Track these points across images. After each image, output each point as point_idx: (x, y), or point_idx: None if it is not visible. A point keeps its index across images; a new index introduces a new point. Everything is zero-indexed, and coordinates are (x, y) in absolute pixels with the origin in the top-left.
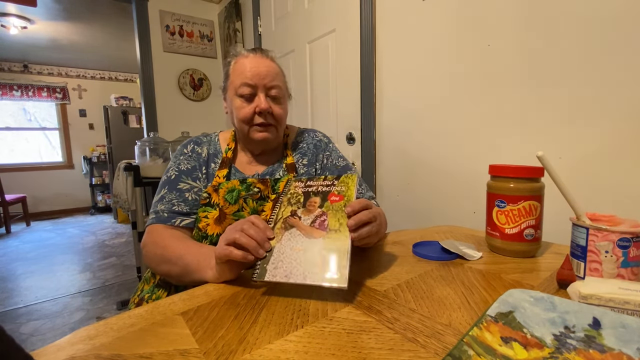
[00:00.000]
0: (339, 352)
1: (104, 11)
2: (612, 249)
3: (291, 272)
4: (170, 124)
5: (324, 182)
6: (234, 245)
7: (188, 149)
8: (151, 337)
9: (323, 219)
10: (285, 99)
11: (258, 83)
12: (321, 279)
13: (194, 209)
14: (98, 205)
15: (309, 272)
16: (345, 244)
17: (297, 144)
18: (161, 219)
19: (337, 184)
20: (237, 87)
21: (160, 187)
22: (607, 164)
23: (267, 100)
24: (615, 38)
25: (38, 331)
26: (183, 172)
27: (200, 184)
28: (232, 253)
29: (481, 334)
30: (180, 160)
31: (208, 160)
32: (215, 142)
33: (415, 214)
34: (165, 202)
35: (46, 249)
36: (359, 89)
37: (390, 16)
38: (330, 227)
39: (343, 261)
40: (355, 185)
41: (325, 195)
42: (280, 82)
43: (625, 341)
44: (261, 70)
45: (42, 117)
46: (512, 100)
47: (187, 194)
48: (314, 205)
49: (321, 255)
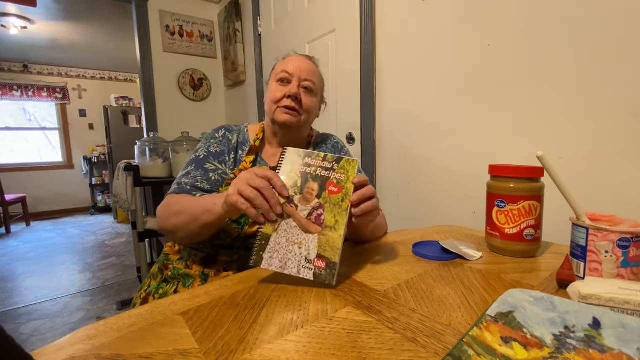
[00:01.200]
0: (339, 352)
1: (104, 11)
2: (612, 249)
3: (286, 263)
4: (170, 124)
5: (323, 164)
6: (245, 199)
7: (220, 134)
8: (151, 337)
9: (320, 212)
10: (317, 95)
11: (295, 73)
12: (313, 274)
13: (214, 189)
14: (98, 205)
15: (303, 266)
16: (338, 243)
17: (318, 145)
18: (183, 189)
19: (337, 169)
20: (276, 74)
21: (187, 165)
22: (607, 164)
23: (298, 88)
24: (615, 37)
25: (38, 331)
26: (212, 154)
27: (226, 167)
28: (247, 210)
29: (481, 334)
30: (211, 143)
31: (237, 147)
32: (244, 132)
33: (415, 214)
34: (190, 177)
35: (46, 249)
36: (359, 89)
37: (390, 16)
38: (326, 224)
39: (334, 260)
40: (355, 173)
41: (323, 182)
42: (316, 79)
43: (625, 341)
44: (302, 65)
45: (42, 117)
46: (512, 100)
47: (212, 174)
48: (312, 194)
49: (315, 253)
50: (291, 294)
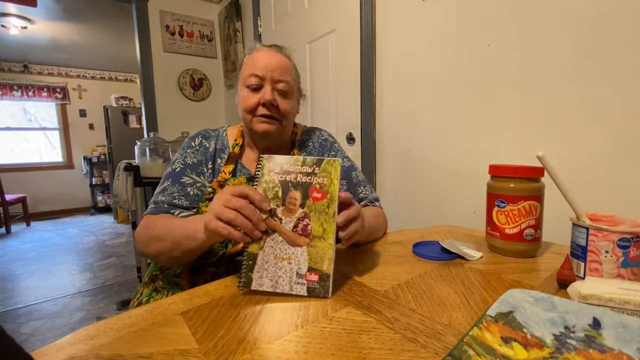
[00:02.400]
0: (339, 352)
1: (104, 11)
2: (612, 249)
3: (277, 281)
4: (170, 124)
5: (302, 169)
6: (226, 222)
7: (196, 142)
8: (151, 337)
9: (306, 223)
10: (294, 95)
11: (266, 75)
12: (307, 290)
13: (194, 204)
14: (98, 205)
15: (295, 282)
16: (329, 253)
17: (304, 143)
18: (160, 209)
19: (319, 172)
20: (245, 78)
21: (164, 179)
22: (607, 164)
23: (272, 92)
24: (615, 38)
25: (38, 331)
26: (188, 166)
27: (205, 179)
28: (230, 234)
29: (481, 334)
30: (187, 153)
31: (215, 155)
32: (223, 137)
33: (415, 214)
34: (166, 194)
35: (46, 249)
36: (359, 89)
37: (390, 16)
38: (314, 234)
39: (327, 271)
40: (339, 175)
41: (306, 189)
42: (289, 77)
43: (625, 341)
44: (271, 62)
45: (42, 117)
46: (512, 100)
47: (190, 188)
48: (295, 204)
49: (306, 266)
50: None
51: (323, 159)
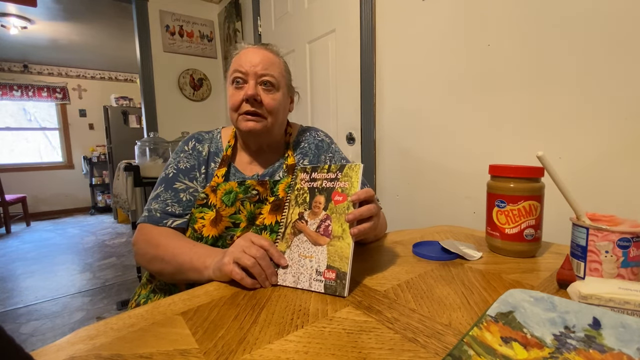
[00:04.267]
0: (339, 352)
1: (104, 11)
2: (612, 249)
3: (299, 278)
4: (170, 124)
5: (327, 175)
6: (241, 267)
7: (189, 146)
8: (151, 337)
9: (327, 224)
10: (280, 90)
11: (249, 70)
12: (324, 287)
13: (187, 210)
14: (98, 205)
15: (314, 279)
16: (346, 252)
17: (299, 144)
18: (153, 218)
19: (341, 177)
20: (230, 76)
21: (157, 184)
22: (607, 164)
23: (255, 87)
24: (615, 38)
25: (38, 331)
26: (181, 171)
27: (198, 184)
28: (243, 280)
29: (481, 334)
30: (180, 157)
31: (208, 159)
32: (217, 140)
33: (415, 214)
34: (159, 201)
35: (46, 249)
36: (359, 89)
37: (390, 16)
38: (334, 234)
39: (344, 270)
40: (359, 178)
41: (329, 193)
42: (275, 72)
43: (625, 341)
44: (255, 58)
45: (42, 117)
46: (512, 101)
47: (182, 194)
48: (319, 207)
49: (325, 264)
50: (291, 293)
51: (345, 165)
